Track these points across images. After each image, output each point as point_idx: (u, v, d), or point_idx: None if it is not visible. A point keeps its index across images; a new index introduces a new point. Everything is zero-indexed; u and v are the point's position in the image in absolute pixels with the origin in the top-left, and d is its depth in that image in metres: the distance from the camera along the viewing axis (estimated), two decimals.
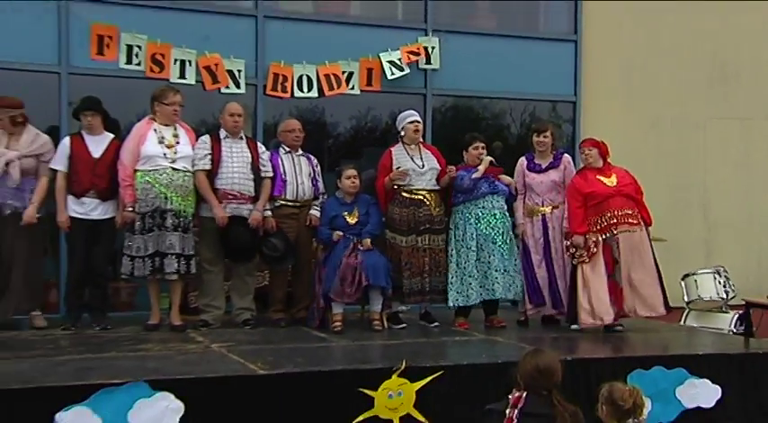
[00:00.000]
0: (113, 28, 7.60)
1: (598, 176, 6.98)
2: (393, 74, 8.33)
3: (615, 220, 6.87)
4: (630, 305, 6.92)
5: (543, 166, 7.25)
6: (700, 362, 6.00)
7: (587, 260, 6.84)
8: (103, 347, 5.91)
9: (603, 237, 6.87)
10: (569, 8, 9.25)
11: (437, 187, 7.06)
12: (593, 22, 9.20)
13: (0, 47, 7.30)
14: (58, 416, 4.53)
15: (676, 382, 5.85)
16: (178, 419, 4.73)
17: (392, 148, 7.15)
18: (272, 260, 6.89)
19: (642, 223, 6.97)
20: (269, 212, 6.90)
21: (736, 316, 8.15)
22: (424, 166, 7.04)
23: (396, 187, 6.97)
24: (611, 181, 6.96)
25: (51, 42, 7.51)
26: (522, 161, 7.33)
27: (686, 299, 8.47)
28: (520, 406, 3.96)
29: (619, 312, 6.92)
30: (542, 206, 7.20)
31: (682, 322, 8.39)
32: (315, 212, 7.04)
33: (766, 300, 8.13)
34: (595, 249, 6.82)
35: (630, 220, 6.89)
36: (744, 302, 7.96)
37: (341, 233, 6.74)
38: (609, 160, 7.13)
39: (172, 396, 4.76)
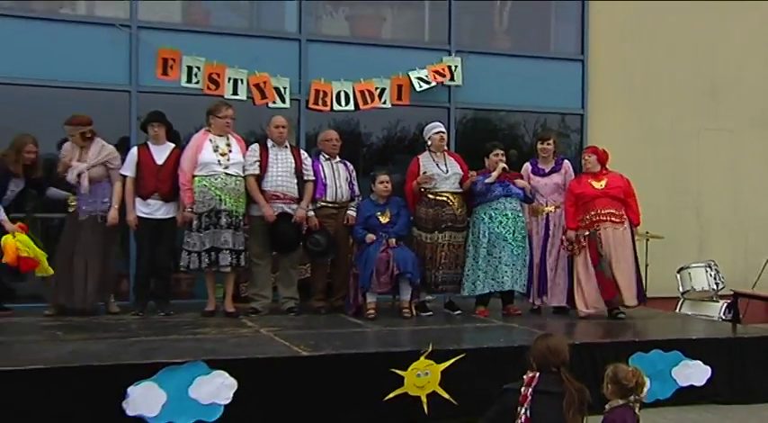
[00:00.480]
0: (176, 52, 7.69)
1: (590, 180, 6.99)
2: (421, 87, 8.34)
3: (598, 218, 6.87)
4: (618, 295, 6.91)
5: (546, 170, 7.26)
6: (693, 345, 6.00)
7: (578, 252, 6.88)
8: (167, 331, 5.96)
9: (587, 233, 6.87)
10: (577, 31, 9.21)
11: (460, 190, 7.06)
12: (597, 44, 9.16)
13: (80, 69, 7.44)
14: (129, 389, 4.60)
15: (672, 363, 5.85)
16: (232, 394, 4.78)
17: (419, 156, 7.15)
18: (315, 254, 6.91)
19: (626, 222, 6.95)
20: (312, 212, 6.94)
21: (725, 304, 8.15)
22: (448, 171, 7.04)
23: (422, 190, 6.99)
24: (601, 184, 6.95)
25: (123, 65, 7.61)
26: (527, 166, 7.33)
27: (681, 289, 8.48)
28: (533, 385, 3.95)
29: (609, 301, 6.90)
30: (546, 206, 7.21)
31: (677, 310, 8.39)
32: (351, 212, 7.06)
33: (752, 290, 8.07)
34: (585, 243, 6.86)
35: (613, 219, 6.88)
36: (732, 293, 7.91)
37: (373, 237, 6.74)
38: (607, 166, 7.12)
39: (226, 374, 4.80)
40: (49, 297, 6.71)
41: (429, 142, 7.16)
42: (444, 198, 6.99)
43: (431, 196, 6.98)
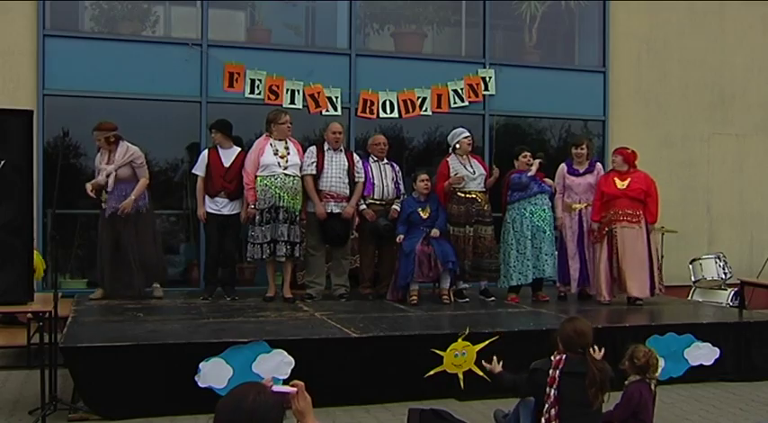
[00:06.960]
0: (241, 66, 7.77)
1: (615, 178, 6.90)
2: (455, 103, 8.35)
3: (617, 217, 6.78)
4: (621, 286, 6.86)
5: (581, 171, 7.17)
6: (703, 329, 5.96)
7: (600, 240, 6.84)
8: (233, 314, 6.01)
9: (606, 229, 6.81)
10: (599, 46, 9.13)
11: (485, 189, 7.03)
12: (617, 58, 9.08)
13: (158, 83, 7.57)
14: (201, 364, 4.69)
15: (685, 345, 5.82)
16: (290, 371, 4.83)
17: (448, 159, 7.05)
18: (388, 230, 6.82)
19: (643, 221, 6.82)
20: (364, 206, 6.89)
21: (733, 292, 8.11)
22: (475, 172, 6.99)
23: (453, 189, 6.92)
24: (624, 184, 6.85)
25: (195, 79, 7.71)
26: (563, 167, 7.23)
27: (693, 279, 8.46)
28: (560, 367, 3.93)
29: (612, 292, 6.90)
30: (579, 203, 7.10)
31: (689, 297, 8.37)
32: (396, 207, 6.97)
33: (756, 279, 8.02)
34: (605, 235, 6.79)
35: (630, 219, 6.78)
36: (738, 281, 7.78)
37: (402, 236, 6.68)
38: (636, 165, 6.99)
39: (285, 352, 4.86)
40: (98, 283, 6.65)
41: (457, 146, 7.04)
42: (473, 196, 6.94)
43: (461, 194, 6.92)
